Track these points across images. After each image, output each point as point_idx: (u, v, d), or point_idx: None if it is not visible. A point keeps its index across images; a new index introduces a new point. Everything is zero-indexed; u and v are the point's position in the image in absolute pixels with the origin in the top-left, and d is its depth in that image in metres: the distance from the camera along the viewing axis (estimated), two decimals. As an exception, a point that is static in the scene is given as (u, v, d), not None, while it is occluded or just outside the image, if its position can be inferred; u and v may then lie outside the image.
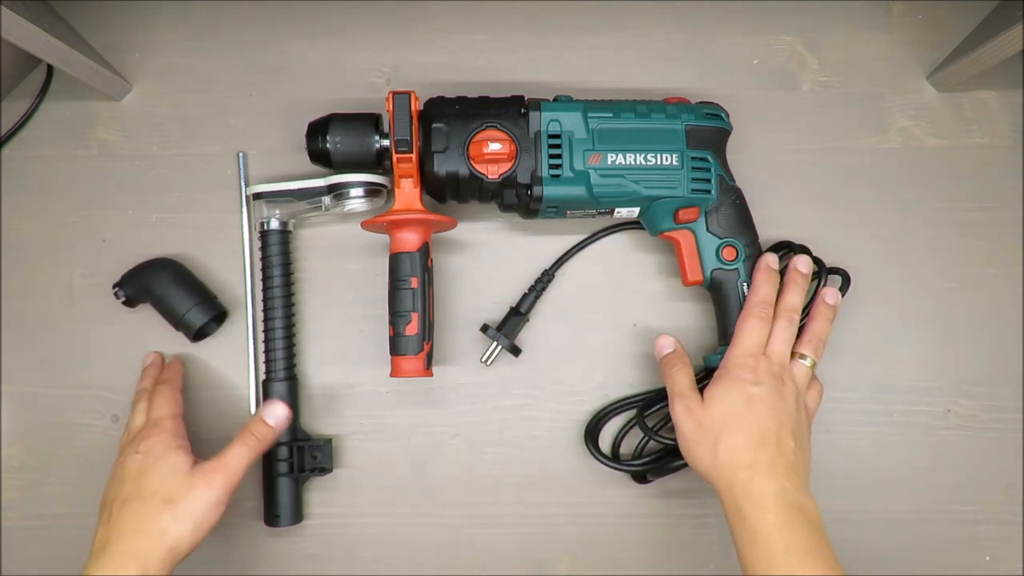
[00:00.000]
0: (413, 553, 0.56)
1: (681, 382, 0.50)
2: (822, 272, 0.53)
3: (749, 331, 0.49)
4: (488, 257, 0.58)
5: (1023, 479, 0.56)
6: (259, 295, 0.56)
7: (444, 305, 0.57)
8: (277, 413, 0.50)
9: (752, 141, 0.58)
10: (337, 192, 0.53)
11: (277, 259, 0.54)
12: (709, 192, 0.51)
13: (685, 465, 0.52)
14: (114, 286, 0.54)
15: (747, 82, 0.60)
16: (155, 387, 0.52)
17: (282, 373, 0.54)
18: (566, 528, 0.56)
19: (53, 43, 0.49)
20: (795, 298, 0.51)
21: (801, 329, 0.51)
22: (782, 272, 0.52)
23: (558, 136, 0.50)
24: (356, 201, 0.54)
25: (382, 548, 0.56)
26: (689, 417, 0.48)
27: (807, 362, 0.50)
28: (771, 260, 0.52)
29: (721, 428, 0.46)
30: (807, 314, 0.52)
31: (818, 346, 0.50)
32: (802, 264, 0.52)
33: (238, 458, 0.47)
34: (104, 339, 0.56)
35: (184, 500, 0.45)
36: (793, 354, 0.50)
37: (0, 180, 0.58)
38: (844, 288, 0.53)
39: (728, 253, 0.52)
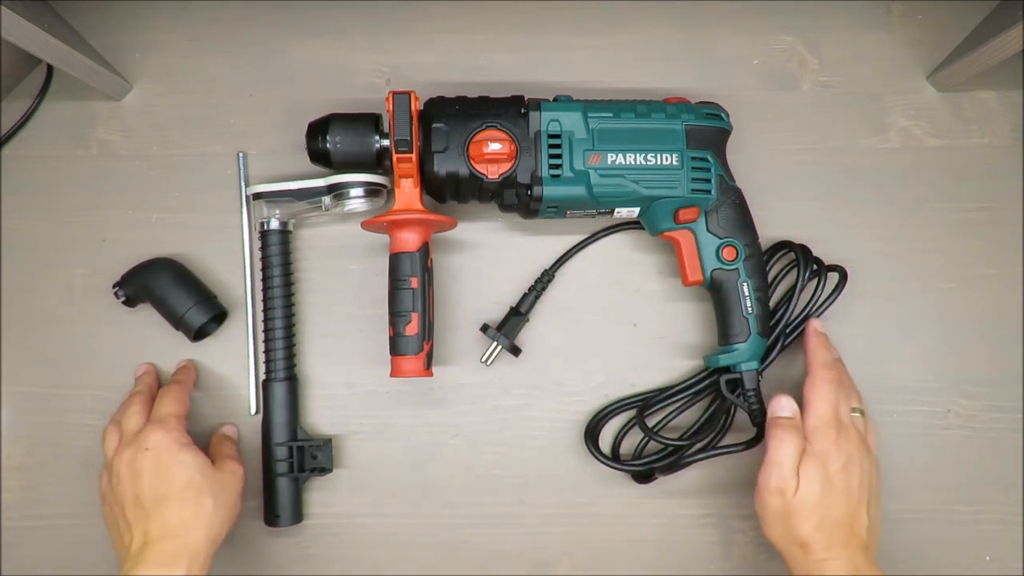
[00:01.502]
0: (413, 553, 0.55)
1: (788, 457, 0.47)
2: (821, 271, 0.53)
3: (824, 397, 0.49)
4: (488, 257, 0.58)
5: (1023, 479, 0.56)
6: (259, 295, 0.56)
7: (444, 305, 0.57)
8: (229, 430, 0.55)
9: (752, 141, 0.58)
10: (337, 192, 0.53)
11: (277, 259, 0.54)
12: (709, 192, 0.51)
13: (693, 462, 0.52)
14: (114, 286, 0.54)
15: (747, 82, 0.60)
16: (167, 385, 0.52)
17: (282, 373, 0.54)
18: (566, 528, 0.56)
19: (53, 43, 0.49)
20: (830, 355, 0.52)
21: None
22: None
23: (558, 136, 0.50)
24: (356, 201, 0.54)
25: (382, 548, 0.56)
26: (781, 498, 0.47)
27: (858, 415, 0.50)
28: (818, 325, 0.53)
29: (801, 511, 0.46)
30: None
31: (859, 396, 0.52)
32: (817, 324, 0.53)
33: (234, 450, 0.53)
34: (104, 339, 0.56)
35: (223, 492, 0.48)
36: None
37: (0, 180, 0.58)
38: (841, 286, 0.53)
39: (728, 253, 0.52)
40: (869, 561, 0.46)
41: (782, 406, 0.50)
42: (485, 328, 0.55)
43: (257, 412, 0.56)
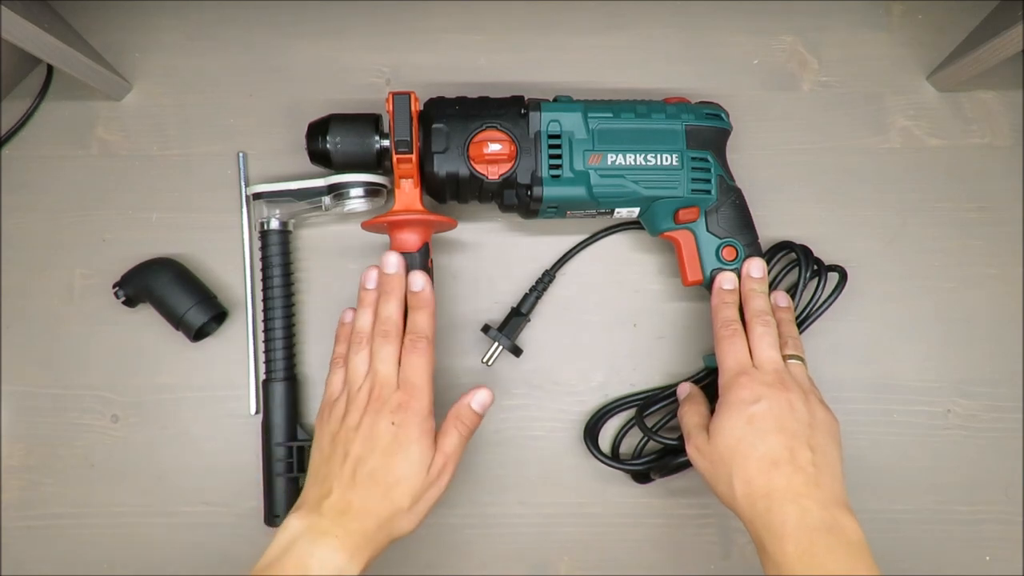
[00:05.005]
0: (413, 553, 0.55)
1: (690, 422, 0.48)
2: (821, 271, 0.53)
3: (726, 352, 0.47)
4: (488, 257, 0.58)
5: (1023, 479, 0.56)
6: (259, 295, 0.56)
7: (444, 305, 0.57)
8: (483, 400, 0.48)
9: (752, 141, 0.58)
10: (337, 192, 0.53)
11: (277, 259, 0.54)
12: (709, 192, 0.51)
13: (689, 465, 0.52)
14: (114, 286, 0.54)
15: (747, 82, 0.60)
16: (409, 338, 0.47)
17: (282, 373, 0.54)
18: (566, 528, 0.56)
19: (53, 43, 0.49)
20: (759, 303, 0.49)
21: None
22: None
23: (558, 136, 0.50)
24: (356, 201, 0.54)
25: (382, 548, 0.56)
26: (700, 457, 0.46)
27: (799, 361, 0.48)
28: (723, 281, 0.51)
29: (730, 460, 0.44)
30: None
31: (798, 345, 0.49)
32: (755, 270, 0.51)
33: (455, 449, 0.46)
34: (104, 339, 0.56)
35: (420, 502, 0.44)
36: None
37: (0, 180, 0.58)
38: (840, 285, 0.53)
39: (728, 253, 0.52)
40: (823, 501, 0.41)
41: (680, 391, 0.53)
42: (486, 328, 0.55)
43: (257, 412, 0.56)
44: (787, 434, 0.43)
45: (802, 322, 0.53)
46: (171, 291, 0.53)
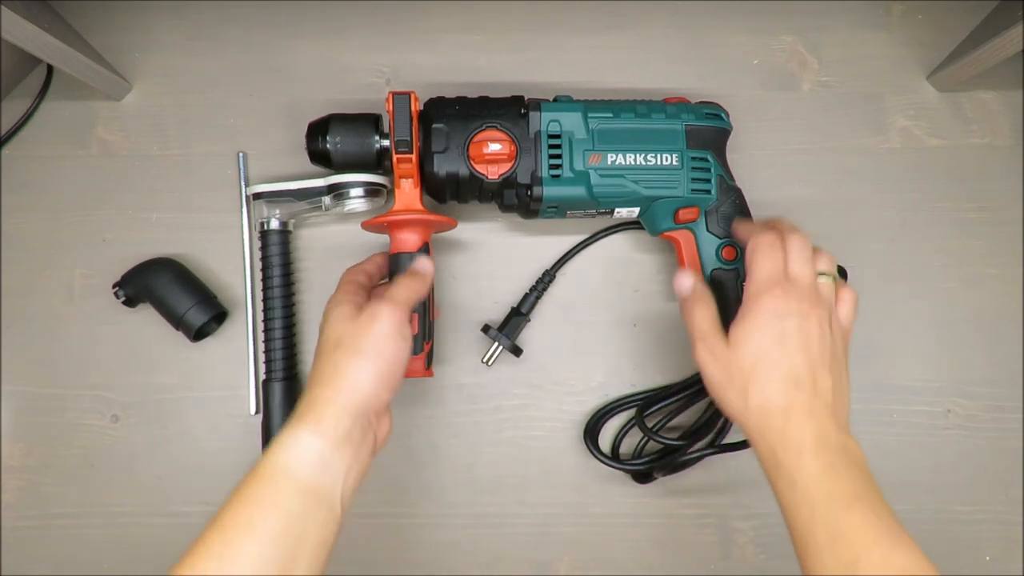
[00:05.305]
0: (413, 553, 0.56)
1: (702, 322, 0.45)
2: (822, 272, 0.53)
3: (763, 259, 0.44)
4: (488, 257, 0.58)
5: (1023, 479, 0.56)
6: (259, 295, 0.56)
7: (444, 305, 0.57)
8: (421, 260, 0.49)
9: (752, 141, 0.58)
10: (337, 192, 0.53)
11: (277, 259, 0.54)
12: (709, 192, 0.51)
13: (690, 463, 0.52)
14: (114, 286, 0.54)
15: (747, 82, 0.60)
16: None
17: (282, 373, 0.54)
18: (566, 528, 0.56)
19: (53, 43, 0.49)
20: (790, 225, 0.46)
21: None
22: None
23: (558, 136, 0.50)
24: (356, 201, 0.54)
25: (382, 548, 0.55)
26: (714, 361, 0.43)
27: (827, 279, 0.44)
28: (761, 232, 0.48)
29: (750, 371, 0.42)
30: None
31: (831, 261, 0.45)
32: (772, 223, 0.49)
33: (395, 292, 0.45)
34: (104, 339, 0.56)
35: (353, 338, 0.42)
36: None
37: (0, 180, 0.58)
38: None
39: (728, 253, 0.52)
40: (838, 427, 0.41)
41: (683, 283, 0.47)
42: (486, 328, 0.55)
43: (257, 412, 0.56)
44: (812, 357, 0.42)
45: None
46: (171, 291, 0.53)
